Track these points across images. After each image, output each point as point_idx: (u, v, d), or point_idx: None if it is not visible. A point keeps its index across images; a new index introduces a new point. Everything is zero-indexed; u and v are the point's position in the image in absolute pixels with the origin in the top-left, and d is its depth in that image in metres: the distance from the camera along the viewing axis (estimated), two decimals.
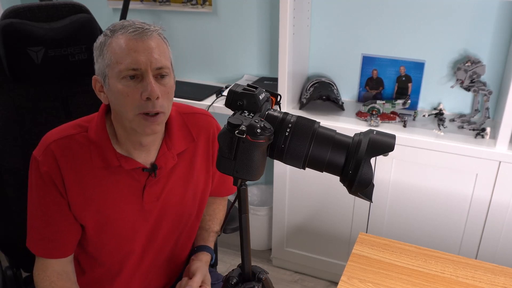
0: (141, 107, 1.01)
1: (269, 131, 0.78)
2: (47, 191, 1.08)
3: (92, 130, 1.10)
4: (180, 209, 1.21)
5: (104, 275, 1.21)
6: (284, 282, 2.28)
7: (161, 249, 1.23)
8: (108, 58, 1.01)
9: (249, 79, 2.37)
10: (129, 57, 0.99)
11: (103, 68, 1.03)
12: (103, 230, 1.13)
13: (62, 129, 1.11)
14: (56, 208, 1.09)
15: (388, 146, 0.77)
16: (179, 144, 1.16)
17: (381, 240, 1.35)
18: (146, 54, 0.99)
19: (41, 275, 1.12)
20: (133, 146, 1.10)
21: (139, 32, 1.00)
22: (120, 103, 1.02)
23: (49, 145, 1.08)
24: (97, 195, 1.10)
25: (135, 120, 1.02)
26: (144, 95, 1.00)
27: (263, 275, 0.98)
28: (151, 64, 1.00)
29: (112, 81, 1.02)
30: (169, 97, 1.05)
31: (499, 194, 1.76)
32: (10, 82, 1.29)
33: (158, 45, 1.02)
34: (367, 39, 2.12)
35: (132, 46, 0.99)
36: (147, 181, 1.13)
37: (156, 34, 1.03)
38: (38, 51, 1.28)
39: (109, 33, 1.03)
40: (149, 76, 1.00)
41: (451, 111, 2.08)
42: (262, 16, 2.28)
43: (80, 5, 1.37)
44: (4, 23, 1.23)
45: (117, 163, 1.09)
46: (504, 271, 1.24)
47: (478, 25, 1.92)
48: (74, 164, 1.08)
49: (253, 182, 2.52)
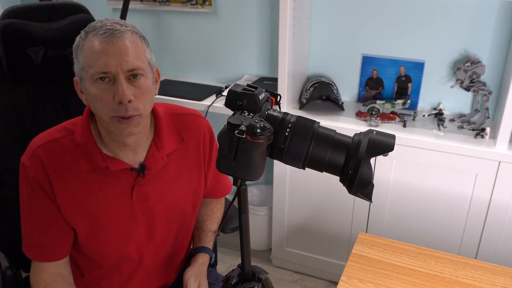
0: (115, 111, 1.00)
1: (269, 131, 0.78)
2: (36, 196, 1.08)
3: (78, 132, 1.09)
4: (173, 209, 1.20)
5: (103, 276, 1.21)
6: (284, 282, 2.28)
7: (159, 250, 1.23)
8: (81, 61, 1.00)
9: (249, 79, 2.37)
10: (99, 61, 0.97)
11: (79, 70, 1.02)
12: (94, 233, 1.13)
13: (48, 133, 1.11)
14: (46, 213, 1.09)
15: (388, 146, 0.77)
16: (168, 145, 1.16)
17: (381, 240, 1.35)
18: (117, 56, 0.97)
19: (37, 278, 1.12)
20: (118, 147, 1.09)
21: (109, 34, 0.97)
22: (95, 106, 1.02)
23: (35, 150, 1.07)
24: (86, 198, 1.10)
25: (111, 122, 1.02)
26: (116, 98, 0.98)
27: (263, 275, 0.98)
28: (121, 66, 0.98)
29: (87, 84, 1.01)
30: (146, 98, 1.03)
31: (499, 194, 1.76)
32: (10, 82, 1.29)
33: (131, 45, 0.99)
34: (367, 39, 2.12)
35: (101, 49, 0.97)
36: (135, 182, 1.12)
37: (129, 33, 1.00)
38: (38, 51, 1.27)
39: (83, 35, 1.01)
40: (120, 79, 0.98)
41: (451, 111, 2.08)
42: (262, 16, 2.28)
43: (80, 5, 1.37)
44: (3, 23, 1.23)
45: (104, 165, 1.08)
46: (504, 271, 1.24)
47: (478, 25, 1.92)
48: (61, 168, 1.07)
49: (253, 182, 2.52)
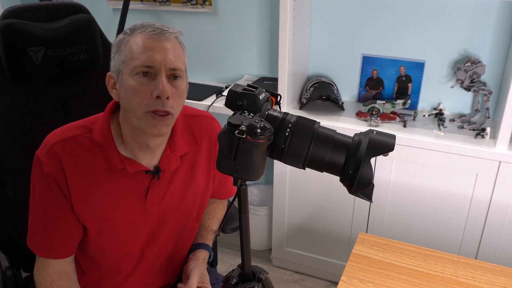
0: (151, 105, 1.01)
1: (269, 131, 0.78)
2: (50, 192, 1.08)
3: (97, 131, 1.09)
4: (181, 211, 1.21)
5: (103, 276, 1.21)
6: (284, 282, 2.28)
7: (161, 250, 1.23)
8: (124, 54, 1.03)
9: (249, 79, 2.37)
10: (144, 55, 1.00)
11: (119, 64, 1.04)
12: (104, 232, 1.13)
13: (66, 129, 1.11)
14: (58, 209, 1.09)
15: (388, 146, 0.77)
16: (182, 147, 1.16)
17: (381, 240, 1.35)
18: (162, 53, 1.00)
19: (42, 274, 1.11)
20: (139, 148, 1.10)
21: (157, 32, 1.02)
22: (131, 100, 1.02)
23: (52, 145, 1.07)
24: (100, 197, 1.10)
25: (143, 118, 1.02)
26: (155, 93, 1.00)
27: (263, 275, 0.98)
28: (165, 63, 1.00)
29: (125, 77, 1.03)
30: (180, 100, 1.06)
31: (499, 194, 1.76)
32: (10, 82, 1.29)
33: (174, 47, 1.03)
34: (367, 39, 2.12)
35: (149, 44, 1.01)
36: (150, 184, 1.13)
37: (173, 37, 1.04)
38: (37, 51, 1.27)
39: (128, 32, 1.05)
40: (162, 75, 1.00)
41: (451, 111, 2.08)
42: (262, 16, 2.28)
43: (80, 5, 1.36)
44: (4, 23, 1.23)
45: (121, 166, 1.09)
46: (504, 271, 1.24)
47: (478, 25, 1.92)
48: (78, 166, 1.07)
49: (253, 182, 2.52)
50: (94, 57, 1.36)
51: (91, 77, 1.39)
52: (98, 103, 1.38)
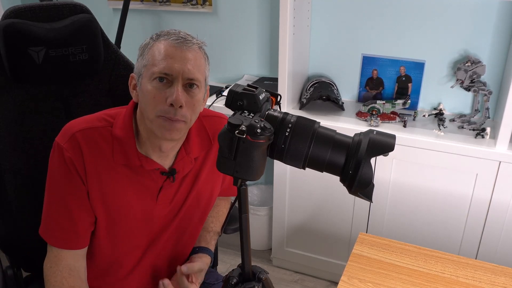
0: (163, 111, 1.03)
1: (269, 131, 0.78)
2: (69, 177, 1.08)
3: (118, 126, 1.11)
4: (186, 210, 1.22)
5: (105, 274, 1.21)
6: (284, 282, 2.29)
7: (163, 249, 1.23)
8: (146, 59, 1.05)
9: (249, 79, 2.37)
10: (164, 62, 1.02)
11: (140, 67, 1.07)
12: (112, 226, 1.14)
13: (87, 120, 1.13)
14: (76, 196, 1.09)
15: (388, 146, 0.77)
16: (196, 148, 1.18)
17: (381, 240, 1.35)
18: (181, 63, 1.02)
19: (53, 268, 1.10)
20: (152, 149, 1.12)
21: (180, 41, 1.04)
22: (146, 103, 1.05)
23: (74, 133, 1.08)
24: (114, 191, 1.11)
25: (156, 121, 1.04)
26: (169, 100, 1.01)
27: (263, 275, 0.98)
28: (183, 73, 1.02)
29: (144, 80, 1.05)
30: (194, 109, 1.07)
31: (499, 194, 1.76)
32: (11, 82, 1.29)
33: (195, 57, 1.05)
34: (367, 39, 2.13)
35: (170, 52, 1.03)
36: (164, 184, 1.15)
37: (196, 47, 1.06)
38: (39, 51, 1.27)
39: (154, 37, 1.08)
40: (178, 83, 1.02)
41: (451, 111, 2.08)
42: (262, 16, 2.28)
43: (81, 5, 1.37)
44: (5, 23, 1.23)
45: (139, 163, 1.10)
46: (504, 271, 1.24)
47: (478, 25, 1.92)
48: (97, 156, 1.09)
49: (253, 182, 2.52)
50: (95, 57, 1.36)
51: (92, 77, 1.39)
52: (99, 103, 1.38)
